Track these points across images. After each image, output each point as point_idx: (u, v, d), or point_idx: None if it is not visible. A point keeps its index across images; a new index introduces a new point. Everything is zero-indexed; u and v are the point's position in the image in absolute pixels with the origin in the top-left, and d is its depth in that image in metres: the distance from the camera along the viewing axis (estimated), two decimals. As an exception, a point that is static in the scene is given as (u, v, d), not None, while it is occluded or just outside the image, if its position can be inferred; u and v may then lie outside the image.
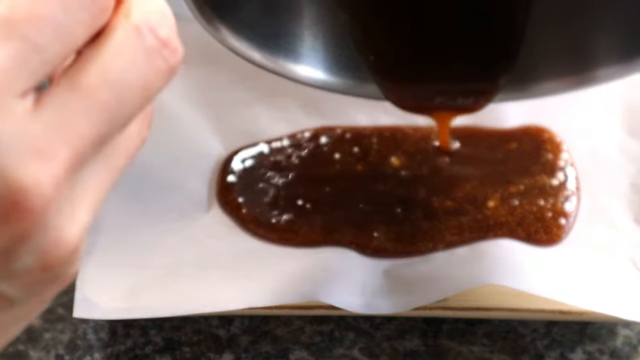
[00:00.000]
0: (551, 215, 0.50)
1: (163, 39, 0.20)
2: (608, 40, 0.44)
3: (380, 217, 0.49)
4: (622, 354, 0.46)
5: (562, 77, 0.44)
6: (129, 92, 0.20)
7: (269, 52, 0.43)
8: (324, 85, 0.45)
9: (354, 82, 0.45)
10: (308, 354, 0.46)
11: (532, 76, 0.44)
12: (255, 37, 0.42)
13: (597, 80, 0.44)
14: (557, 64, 0.44)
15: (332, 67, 0.44)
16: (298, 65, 0.44)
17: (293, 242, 0.49)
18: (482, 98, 0.45)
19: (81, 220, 0.20)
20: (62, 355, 0.46)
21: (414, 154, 0.53)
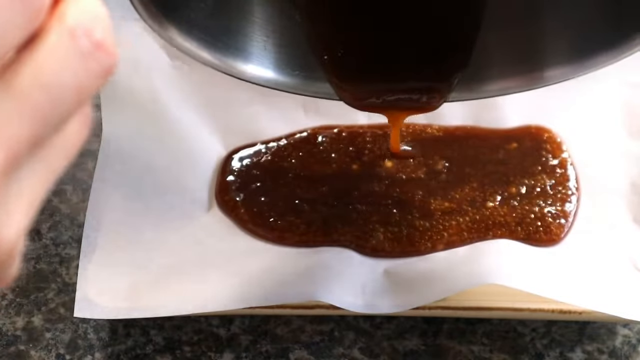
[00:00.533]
0: (551, 215, 0.50)
1: (97, 42, 0.20)
2: (557, 42, 0.44)
3: (377, 217, 0.50)
4: (621, 353, 0.46)
5: (512, 77, 0.45)
6: (62, 94, 0.20)
7: (218, 52, 0.42)
8: (274, 84, 0.44)
9: (305, 81, 0.45)
10: (308, 353, 0.46)
11: (483, 76, 0.45)
12: (205, 37, 0.42)
13: (546, 81, 0.44)
14: (508, 64, 0.45)
15: (283, 66, 0.44)
16: (248, 64, 0.44)
17: (291, 242, 0.49)
18: (435, 97, 0.45)
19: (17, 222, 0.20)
20: (62, 354, 0.46)
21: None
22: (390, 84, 0.45)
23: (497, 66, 0.45)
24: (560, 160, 0.53)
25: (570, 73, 0.43)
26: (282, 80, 0.44)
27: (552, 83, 0.44)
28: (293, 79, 0.44)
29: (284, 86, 0.44)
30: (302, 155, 0.53)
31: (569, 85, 0.54)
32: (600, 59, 0.42)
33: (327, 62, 0.43)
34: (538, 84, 0.44)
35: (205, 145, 0.53)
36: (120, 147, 0.51)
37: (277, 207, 0.50)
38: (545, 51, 0.44)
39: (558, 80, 0.44)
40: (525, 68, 0.44)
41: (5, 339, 0.47)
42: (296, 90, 0.45)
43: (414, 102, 0.45)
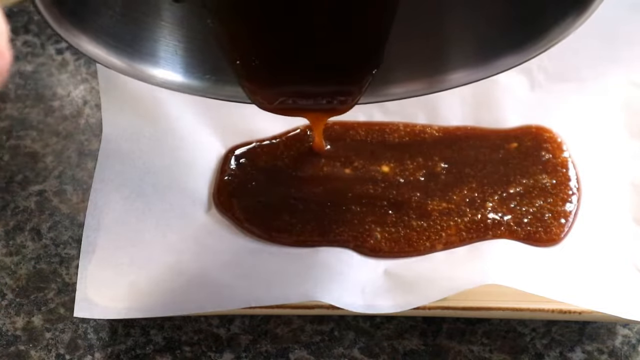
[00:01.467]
0: (551, 215, 0.50)
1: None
2: (459, 45, 0.45)
3: (373, 218, 0.50)
4: (621, 353, 0.46)
5: (417, 80, 0.45)
6: None
7: (127, 57, 0.42)
8: (185, 89, 0.45)
9: (217, 84, 0.45)
10: (308, 353, 0.46)
11: (389, 79, 0.45)
12: (114, 43, 0.42)
13: (450, 83, 0.45)
14: (412, 67, 0.45)
15: (194, 71, 0.45)
16: (158, 69, 0.44)
17: (289, 242, 0.49)
18: (347, 99, 0.46)
19: None
20: (62, 354, 0.46)
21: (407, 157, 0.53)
22: (302, 87, 0.45)
23: (402, 69, 0.45)
24: (560, 160, 0.53)
25: (474, 76, 0.44)
26: (194, 85, 0.45)
27: (457, 86, 0.45)
28: (204, 83, 0.45)
29: (195, 90, 0.45)
30: (297, 156, 0.53)
31: (569, 85, 0.55)
32: (505, 61, 0.43)
33: (238, 66, 0.43)
34: (442, 86, 0.45)
35: (205, 145, 0.53)
36: (120, 147, 0.51)
37: (272, 207, 0.50)
38: (448, 54, 0.45)
39: (463, 83, 0.44)
40: (429, 71, 0.45)
41: (5, 339, 0.47)
42: (208, 94, 0.45)
43: (326, 105, 0.46)
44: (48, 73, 0.60)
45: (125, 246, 0.47)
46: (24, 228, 0.52)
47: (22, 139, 0.56)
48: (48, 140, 0.56)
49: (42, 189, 0.53)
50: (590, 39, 0.54)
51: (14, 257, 0.50)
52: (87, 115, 0.58)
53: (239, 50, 0.43)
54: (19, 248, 0.51)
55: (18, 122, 0.57)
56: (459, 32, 0.44)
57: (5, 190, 0.53)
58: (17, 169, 0.55)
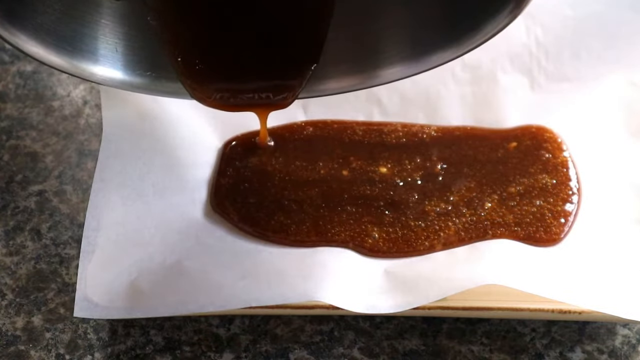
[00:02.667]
0: (551, 215, 0.50)
1: None
2: (397, 40, 0.45)
3: (368, 218, 0.50)
4: (621, 353, 0.46)
5: (349, 75, 0.46)
6: None
7: (67, 55, 0.42)
8: (126, 85, 0.45)
9: (157, 81, 0.45)
10: (308, 353, 0.46)
11: (326, 74, 0.45)
12: (53, 41, 0.41)
13: (382, 79, 0.45)
14: (343, 63, 0.45)
15: (134, 68, 0.45)
16: (98, 66, 0.44)
17: (286, 242, 0.49)
18: (286, 95, 0.46)
19: None
20: (62, 354, 0.46)
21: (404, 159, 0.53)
22: (241, 83, 0.46)
23: (339, 64, 0.45)
24: (561, 160, 0.53)
25: (405, 71, 0.44)
26: (134, 81, 0.45)
27: (389, 81, 0.45)
28: (145, 80, 0.45)
29: (136, 87, 0.45)
30: (294, 156, 0.53)
31: (569, 85, 0.55)
32: (441, 55, 0.43)
33: (178, 63, 0.43)
34: (374, 82, 0.45)
35: (205, 145, 0.53)
36: (120, 147, 0.51)
37: (265, 208, 0.50)
38: (385, 48, 0.45)
39: (395, 78, 0.45)
40: (365, 66, 0.45)
41: (5, 339, 0.47)
42: (150, 91, 0.46)
43: (267, 100, 0.46)
44: (48, 73, 0.60)
45: (125, 246, 0.47)
46: (24, 228, 0.52)
47: (22, 139, 0.56)
48: (48, 140, 0.56)
49: (42, 189, 0.53)
50: (590, 39, 0.54)
51: (14, 257, 0.50)
52: (87, 115, 0.58)
53: (178, 47, 0.43)
54: (19, 248, 0.51)
55: (18, 122, 0.57)
56: (393, 28, 0.44)
57: (5, 190, 0.53)
58: (17, 169, 0.55)
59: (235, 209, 0.50)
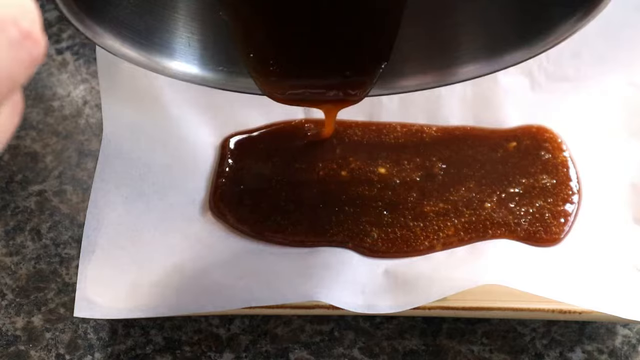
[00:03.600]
0: (551, 215, 0.50)
1: (25, 31, 0.21)
2: (472, 38, 0.45)
3: (367, 218, 0.50)
4: (621, 353, 0.46)
5: (429, 72, 0.46)
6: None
7: (143, 49, 0.43)
8: (199, 80, 0.45)
9: (229, 76, 0.45)
10: (308, 353, 0.46)
11: (401, 71, 0.45)
12: (129, 34, 0.42)
13: (460, 77, 0.45)
14: (425, 59, 0.45)
15: (207, 62, 0.45)
16: (173, 61, 0.44)
17: (285, 242, 0.49)
18: (358, 91, 0.46)
19: None
20: (62, 354, 0.46)
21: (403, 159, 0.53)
22: (312, 79, 0.46)
23: (414, 61, 0.45)
24: (561, 160, 0.53)
25: (484, 69, 0.44)
26: (207, 76, 0.45)
27: (469, 78, 0.45)
28: (217, 75, 0.45)
29: (209, 82, 0.45)
30: (292, 158, 0.53)
31: (569, 85, 0.55)
32: (513, 56, 0.43)
33: (250, 59, 0.43)
34: (454, 79, 0.45)
35: (205, 145, 0.53)
36: (120, 147, 0.51)
37: (261, 209, 0.50)
38: (460, 46, 0.45)
39: (475, 75, 0.45)
40: (441, 63, 0.45)
41: (5, 339, 0.47)
42: (221, 86, 0.45)
43: (337, 96, 0.46)
44: (48, 73, 0.60)
45: (125, 246, 0.47)
46: (24, 228, 0.52)
47: (22, 139, 0.56)
48: (48, 140, 0.56)
49: (42, 189, 0.53)
50: (591, 39, 0.54)
51: (14, 257, 0.50)
52: (87, 115, 0.58)
53: (250, 42, 0.43)
54: (19, 248, 0.51)
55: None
56: (469, 27, 0.44)
57: (5, 190, 0.53)
58: (17, 169, 0.55)
59: (232, 210, 0.50)
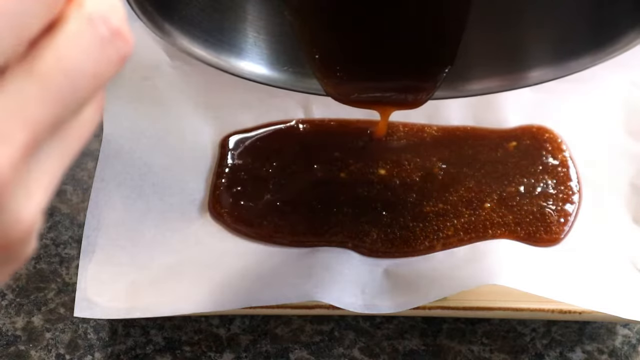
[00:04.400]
0: (551, 215, 0.50)
1: (115, 29, 0.21)
2: (539, 44, 0.44)
3: (365, 219, 0.50)
4: (621, 353, 0.46)
5: (495, 76, 0.45)
6: (82, 79, 0.21)
7: (211, 48, 0.43)
8: (266, 80, 0.45)
9: (294, 76, 0.45)
10: (308, 353, 0.46)
11: (466, 75, 0.45)
12: (199, 33, 0.42)
13: (528, 81, 0.44)
14: (491, 64, 0.45)
15: (273, 62, 0.45)
16: (241, 60, 0.44)
17: (283, 242, 0.49)
18: (421, 94, 0.46)
19: (37, 201, 0.21)
20: (62, 354, 0.46)
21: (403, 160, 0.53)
22: (377, 82, 0.45)
23: (480, 66, 0.45)
24: (561, 160, 0.53)
25: (552, 74, 0.44)
26: (273, 76, 0.45)
27: (534, 84, 0.45)
28: (283, 75, 0.45)
29: (274, 81, 0.45)
30: (290, 157, 0.53)
31: (569, 85, 0.55)
32: (583, 61, 0.43)
33: (315, 60, 0.43)
34: (520, 84, 0.45)
35: (205, 145, 0.53)
36: (120, 147, 0.51)
37: (258, 210, 0.50)
38: (528, 52, 0.45)
39: (540, 81, 0.44)
40: (508, 68, 0.45)
41: (5, 339, 0.47)
42: (286, 86, 0.45)
43: (400, 99, 0.46)
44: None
45: (125, 246, 0.47)
46: (24, 228, 0.51)
47: (22, 139, 0.56)
48: (48, 140, 0.56)
49: (42, 189, 0.53)
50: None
51: (14, 257, 0.50)
52: (87, 115, 0.58)
53: (315, 44, 0.44)
54: (19, 248, 0.51)
55: (18, 122, 0.57)
56: (536, 32, 0.44)
57: (5, 190, 0.53)
58: (17, 169, 0.55)
59: (229, 211, 0.50)
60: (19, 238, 0.20)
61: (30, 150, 0.20)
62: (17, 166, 0.20)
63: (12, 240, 0.20)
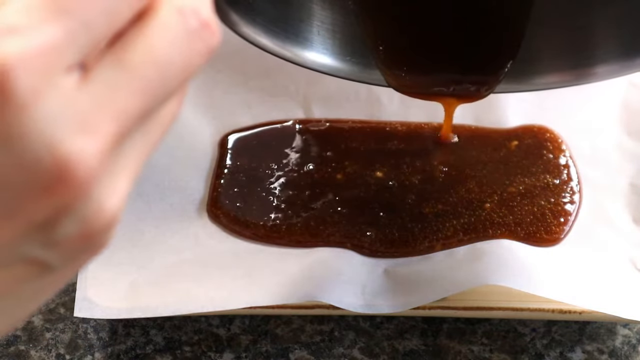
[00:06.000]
0: (551, 215, 0.50)
1: (204, 21, 0.21)
2: (608, 39, 0.44)
3: (362, 219, 0.50)
4: (621, 353, 0.46)
5: (561, 71, 0.45)
6: (172, 71, 0.21)
7: (277, 38, 0.43)
8: (329, 70, 0.45)
9: (358, 68, 0.45)
10: (308, 353, 0.46)
11: (532, 69, 0.45)
12: (264, 22, 0.42)
13: (595, 77, 0.44)
14: (557, 58, 0.45)
15: (337, 53, 0.45)
16: (305, 50, 0.45)
17: (282, 242, 0.49)
18: (484, 87, 0.46)
19: (120, 192, 0.21)
20: (63, 354, 0.46)
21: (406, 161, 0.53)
22: (440, 74, 0.45)
23: (544, 60, 0.45)
24: (561, 160, 0.53)
25: (619, 71, 0.43)
26: (337, 66, 0.45)
27: (600, 80, 0.44)
28: (346, 65, 0.45)
29: (338, 72, 0.45)
30: (287, 157, 0.53)
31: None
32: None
33: (379, 51, 0.44)
34: (584, 80, 0.44)
35: (205, 146, 0.53)
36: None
37: (255, 210, 0.50)
38: (595, 47, 0.44)
39: (605, 77, 0.43)
40: (573, 63, 0.44)
41: (5, 339, 0.47)
42: (349, 76, 0.46)
43: (461, 92, 0.46)
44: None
45: (125, 246, 0.47)
46: (24, 228, 0.51)
47: (22, 139, 0.56)
48: (48, 140, 0.56)
49: (42, 189, 0.53)
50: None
51: (14, 257, 0.50)
52: (87, 115, 0.58)
53: (380, 36, 0.44)
54: (19, 248, 0.51)
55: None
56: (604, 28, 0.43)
57: (5, 190, 0.53)
58: (17, 168, 0.55)
59: (226, 212, 0.50)
60: (101, 228, 0.20)
61: (118, 141, 0.20)
62: (104, 157, 0.20)
63: (95, 230, 0.20)
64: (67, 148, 0.19)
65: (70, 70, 0.19)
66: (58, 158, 0.19)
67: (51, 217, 0.19)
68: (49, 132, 0.18)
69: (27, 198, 0.19)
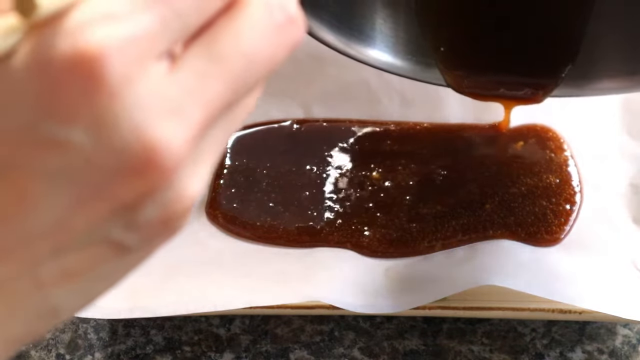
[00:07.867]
0: (552, 215, 0.50)
1: (291, 15, 0.21)
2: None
3: (360, 219, 0.49)
4: (621, 353, 0.46)
5: (620, 77, 0.45)
6: (258, 63, 0.21)
7: (340, 34, 0.44)
8: (390, 68, 0.46)
9: (418, 67, 0.46)
10: (308, 353, 0.46)
11: (590, 74, 0.45)
12: (328, 18, 0.43)
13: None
14: (616, 64, 0.45)
15: (398, 51, 0.45)
16: (367, 48, 0.45)
17: (280, 243, 0.49)
18: (541, 91, 0.46)
19: (200, 179, 0.21)
20: (63, 354, 0.46)
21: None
22: (497, 77, 0.46)
23: (603, 66, 0.45)
24: (562, 160, 0.53)
25: None
26: (397, 64, 0.46)
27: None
28: (407, 64, 0.46)
29: (398, 70, 0.46)
30: (283, 158, 0.53)
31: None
32: None
33: (440, 51, 0.44)
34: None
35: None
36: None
37: (251, 210, 0.50)
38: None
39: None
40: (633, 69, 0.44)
41: (6, 338, 0.47)
42: (409, 75, 0.46)
43: (519, 95, 0.46)
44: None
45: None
46: (24, 228, 0.51)
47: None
48: (48, 140, 0.56)
49: (42, 189, 0.53)
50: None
51: (14, 257, 0.50)
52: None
53: (441, 36, 0.44)
54: (19, 248, 0.51)
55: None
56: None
57: (5, 190, 0.53)
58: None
59: (224, 213, 0.50)
60: (181, 214, 0.21)
61: (203, 129, 0.20)
62: (190, 145, 0.20)
63: (174, 215, 0.21)
64: (156, 134, 0.19)
65: (160, 58, 0.20)
66: (147, 143, 0.19)
67: (136, 201, 0.20)
68: (139, 118, 0.19)
69: (115, 181, 0.19)
